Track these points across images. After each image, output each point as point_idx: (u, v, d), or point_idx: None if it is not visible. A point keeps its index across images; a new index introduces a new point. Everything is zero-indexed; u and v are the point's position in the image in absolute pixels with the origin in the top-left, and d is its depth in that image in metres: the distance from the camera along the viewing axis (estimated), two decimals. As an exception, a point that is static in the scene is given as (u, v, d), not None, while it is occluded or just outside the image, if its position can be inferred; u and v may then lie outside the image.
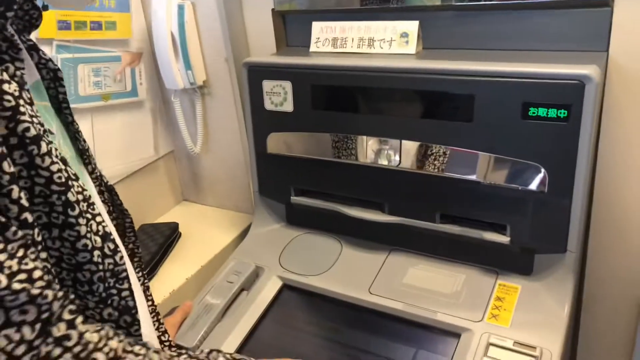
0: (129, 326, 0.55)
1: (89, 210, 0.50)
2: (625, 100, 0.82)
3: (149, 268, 1.11)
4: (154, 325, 0.78)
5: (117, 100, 1.18)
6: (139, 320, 0.57)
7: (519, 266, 0.89)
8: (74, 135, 0.60)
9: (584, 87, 0.74)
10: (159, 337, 0.78)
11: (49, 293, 0.42)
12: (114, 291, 0.53)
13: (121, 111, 1.21)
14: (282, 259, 1.04)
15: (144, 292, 0.77)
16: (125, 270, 0.53)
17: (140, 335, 0.57)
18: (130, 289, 0.54)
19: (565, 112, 0.76)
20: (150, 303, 0.79)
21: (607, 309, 0.95)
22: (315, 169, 1.01)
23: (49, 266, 0.45)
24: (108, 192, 0.68)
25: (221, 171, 1.31)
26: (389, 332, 0.88)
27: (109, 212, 0.68)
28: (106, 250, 0.51)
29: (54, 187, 0.46)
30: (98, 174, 0.64)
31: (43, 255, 0.45)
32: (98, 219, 0.51)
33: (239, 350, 0.89)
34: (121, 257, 0.52)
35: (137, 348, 0.49)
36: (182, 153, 1.35)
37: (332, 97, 0.94)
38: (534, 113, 0.78)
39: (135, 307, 0.55)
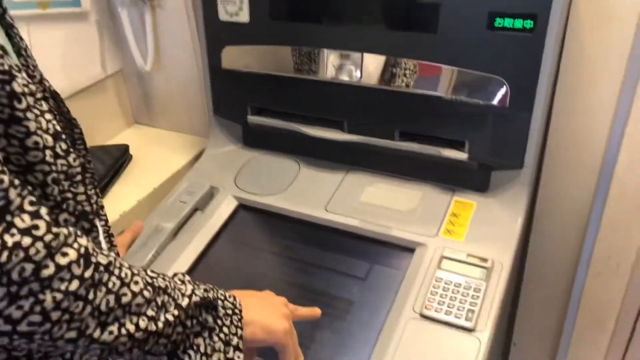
0: (86, 233, 0.51)
1: (37, 105, 0.45)
2: (589, 14, 0.80)
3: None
4: (106, 245, 0.74)
5: (57, 10, 1.08)
6: (97, 227, 0.54)
7: (476, 183, 0.89)
8: (7, 32, 0.53)
9: (550, -4, 0.72)
10: None
11: (4, 178, 0.38)
12: (69, 195, 0.48)
13: (62, 22, 1.11)
14: (238, 179, 1.01)
15: (97, 211, 0.73)
16: (80, 173, 0.49)
17: (99, 243, 0.54)
18: (86, 193, 0.50)
19: (532, 22, 0.74)
20: (103, 223, 0.75)
21: (556, 225, 0.98)
22: (273, 86, 0.96)
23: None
24: (53, 98, 0.62)
25: (174, 91, 1.25)
26: (345, 248, 0.88)
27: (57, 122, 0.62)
28: (58, 150, 0.46)
29: None
30: (39, 77, 0.58)
31: None
32: (47, 116, 0.46)
33: (191, 270, 0.87)
34: (74, 159, 0.48)
35: (104, 252, 0.46)
36: (132, 71, 1.27)
37: (292, 5, 0.88)
38: (499, 24, 0.75)
39: (92, 212, 0.51)
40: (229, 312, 0.59)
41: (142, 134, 1.31)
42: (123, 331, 0.46)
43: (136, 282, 0.48)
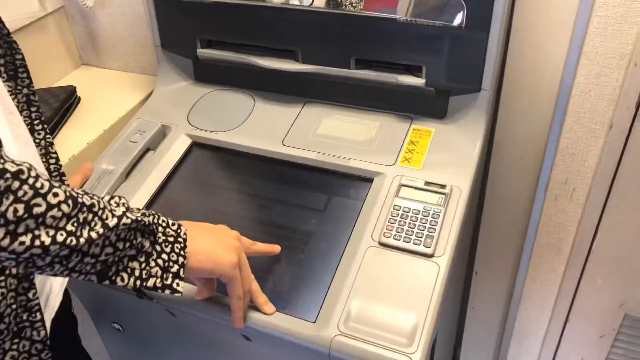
0: None
1: None
2: None
3: (44, 134, 1.01)
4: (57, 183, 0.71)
5: (-18, -62, 0.99)
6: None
7: (433, 110, 0.87)
8: None
9: None
10: None
11: None
12: None
13: (-11, -47, 1.02)
14: (190, 116, 0.97)
15: (46, 147, 0.69)
16: None
17: None
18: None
19: None
20: (54, 161, 0.71)
21: (515, 150, 0.98)
22: (223, 15, 0.91)
23: None
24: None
25: (121, 28, 1.17)
26: (303, 181, 0.86)
27: None
28: None
29: None
30: None
31: None
32: None
33: (146, 209, 0.84)
34: None
35: (18, 161, 0.44)
36: (75, 8, 1.18)
37: None
38: None
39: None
40: (171, 239, 0.57)
41: (90, 75, 1.24)
42: (36, 242, 0.44)
43: (55, 195, 0.45)
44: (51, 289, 0.64)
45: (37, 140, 0.68)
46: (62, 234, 0.45)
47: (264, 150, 0.89)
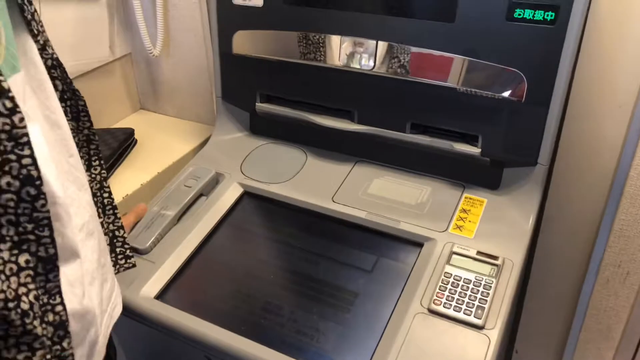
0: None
1: None
2: (611, 9, 0.79)
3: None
4: (110, 218, 0.72)
5: (68, -12, 1.07)
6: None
7: (487, 180, 0.87)
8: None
9: (574, -12, 0.70)
10: (113, 231, 0.73)
11: None
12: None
13: (73, 2, 1.10)
14: (244, 166, 0.99)
15: (101, 182, 0.72)
16: (25, 135, 0.44)
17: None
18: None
19: (553, 14, 0.72)
20: (107, 195, 0.73)
21: (566, 228, 0.96)
22: (283, 73, 0.95)
23: None
24: (59, 67, 0.60)
25: (182, 77, 1.23)
26: (351, 240, 0.86)
27: (62, 92, 0.60)
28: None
29: None
30: (50, 51, 0.56)
31: None
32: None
33: (193, 255, 0.85)
34: (20, 120, 0.43)
35: None
36: (141, 56, 1.25)
37: (306, -9, 0.87)
38: (519, 14, 0.74)
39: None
40: None
41: (148, 120, 1.29)
42: None
43: None
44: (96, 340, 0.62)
45: (93, 175, 0.70)
46: None
47: (313, 204, 0.89)
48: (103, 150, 1.09)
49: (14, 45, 0.46)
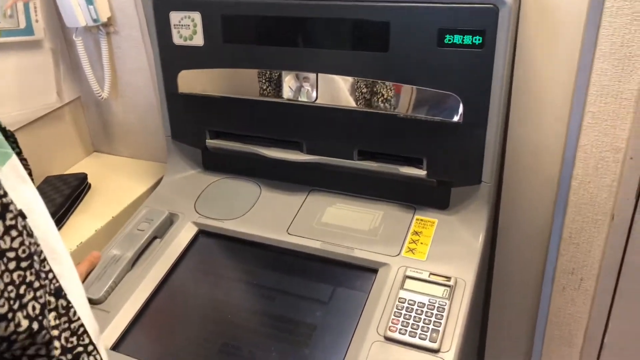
0: None
1: None
2: (537, 28, 0.82)
3: (54, 221, 1.02)
4: None
5: (9, 39, 1.06)
6: None
7: (436, 200, 0.89)
8: None
9: (497, 12, 0.73)
10: None
11: None
12: None
13: (15, 51, 1.09)
14: (197, 205, 0.99)
15: None
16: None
17: None
18: None
19: (480, 38, 0.74)
20: None
21: (519, 240, 0.98)
22: (231, 109, 0.95)
23: None
24: (5, 139, 0.59)
25: (133, 117, 1.22)
26: (307, 271, 0.86)
27: None
28: None
29: None
30: None
31: None
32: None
33: (150, 299, 0.84)
34: None
35: None
36: (90, 99, 1.25)
37: (245, 28, 0.88)
38: (449, 40, 0.76)
39: None
40: None
41: (101, 162, 1.28)
42: None
43: None
44: None
45: None
46: None
47: (269, 239, 0.89)
48: (56, 198, 1.08)
49: None
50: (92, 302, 0.82)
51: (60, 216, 1.05)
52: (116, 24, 1.12)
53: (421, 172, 0.85)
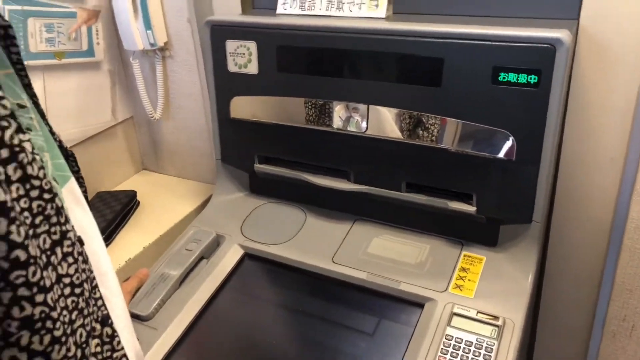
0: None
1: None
2: (593, 68, 0.81)
3: (104, 236, 1.06)
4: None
5: (72, 60, 1.11)
6: None
7: (484, 237, 0.88)
8: (33, 100, 0.52)
9: (555, 52, 0.72)
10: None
11: None
12: None
13: (76, 71, 1.14)
14: (244, 227, 1.00)
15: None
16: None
17: None
18: None
19: (536, 77, 0.74)
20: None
21: (569, 283, 0.95)
22: (280, 136, 0.97)
23: None
24: (65, 158, 0.62)
25: (183, 139, 1.26)
26: (352, 301, 0.86)
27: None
28: None
29: None
30: (57, 139, 0.58)
31: None
32: None
33: (195, 320, 0.85)
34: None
35: None
36: (142, 119, 1.29)
37: (299, 59, 0.90)
38: (504, 78, 0.76)
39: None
40: None
41: (150, 180, 1.32)
42: None
43: None
44: None
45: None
46: None
47: (314, 266, 0.90)
48: (106, 213, 1.12)
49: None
50: (140, 318, 0.84)
51: (110, 231, 1.08)
52: (172, 49, 1.16)
53: (471, 208, 0.85)
